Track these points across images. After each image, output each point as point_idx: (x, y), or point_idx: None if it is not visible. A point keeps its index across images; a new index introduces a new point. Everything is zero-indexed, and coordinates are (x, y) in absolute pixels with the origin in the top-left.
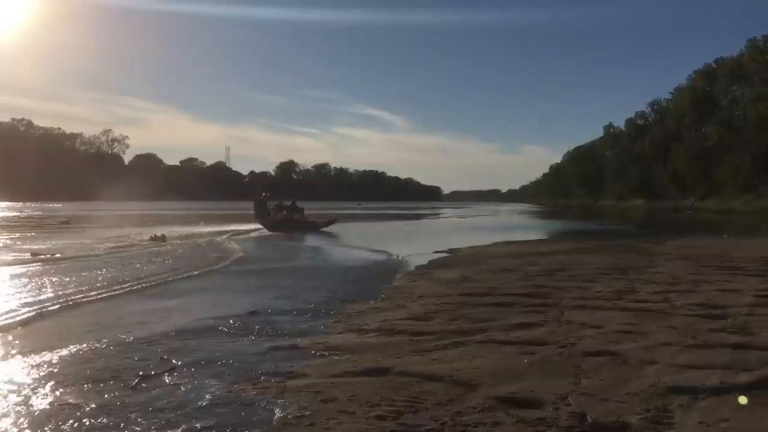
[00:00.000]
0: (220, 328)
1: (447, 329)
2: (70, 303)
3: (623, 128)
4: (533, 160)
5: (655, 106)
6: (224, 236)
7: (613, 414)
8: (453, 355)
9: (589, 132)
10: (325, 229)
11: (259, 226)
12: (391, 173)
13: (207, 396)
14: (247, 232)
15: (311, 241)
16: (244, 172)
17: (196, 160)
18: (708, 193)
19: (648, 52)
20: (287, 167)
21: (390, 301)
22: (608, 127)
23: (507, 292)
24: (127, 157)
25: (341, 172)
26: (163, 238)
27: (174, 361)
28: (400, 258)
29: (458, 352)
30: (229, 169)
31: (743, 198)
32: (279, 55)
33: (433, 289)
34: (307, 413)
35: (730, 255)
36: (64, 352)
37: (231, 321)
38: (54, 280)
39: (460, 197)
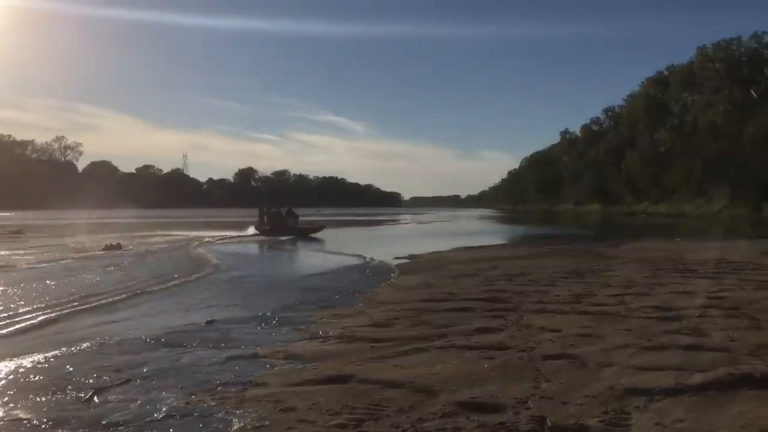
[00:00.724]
0: (177, 338)
1: (408, 335)
2: (22, 316)
3: (579, 134)
4: (492, 165)
5: (610, 113)
6: (183, 243)
7: (572, 417)
8: (414, 361)
9: (547, 138)
10: (313, 235)
11: (253, 231)
12: (351, 179)
13: (163, 408)
14: (204, 238)
15: (287, 246)
16: (203, 179)
17: (153, 167)
18: (661, 197)
19: (604, 60)
20: (246, 174)
21: (352, 308)
22: (564, 133)
23: (467, 297)
24: (81, 165)
25: (301, 178)
26: (119, 247)
27: (129, 373)
28: (365, 262)
29: (419, 358)
30: (187, 176)
31: (695, 202)
32: (238, 61)
33: (394, 296)
34: (267, 423)
35: (682, 258)
36: (14, 366)
37: (188, 331)
38: (5, 291)
39: (420, 203)
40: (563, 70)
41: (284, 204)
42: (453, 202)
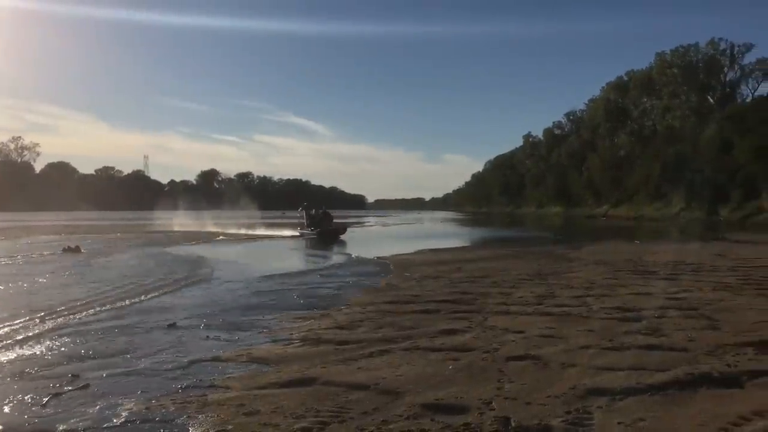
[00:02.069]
0: (138, 343)
1: (373, 337)
2: None
3: (542, 138)
4: (456, 168)
5: (571, 117)
6: (142, 245)
7: (535, 417)
8: (379, 363)
9: (510, 141)
10: (341, 236)
11: (300, 232)
12: (315, 182)
13: (123, 413)
14: (165, 242)
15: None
16: (164, 180)
17: (113, 168)
18: (621, 200)
19: (567, 63)
20: (209, 176)
21: (317, 310)
22: (527, 137)
23: (432, 299)
24: (39, 166)
25: (265, 180)
26: (77, 250)
27: (87, 377)
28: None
29: (384, 360)
30: (148, 177)
31: (653, 205)
32: (201, 62)
33: (359, 298)
34: (229, 427)
35: (642, 259)
36: None
37: (149, 335)
38: None
39: (384, 205)
40: (527, 73)
41: (319, 206)
42: (417, 204)
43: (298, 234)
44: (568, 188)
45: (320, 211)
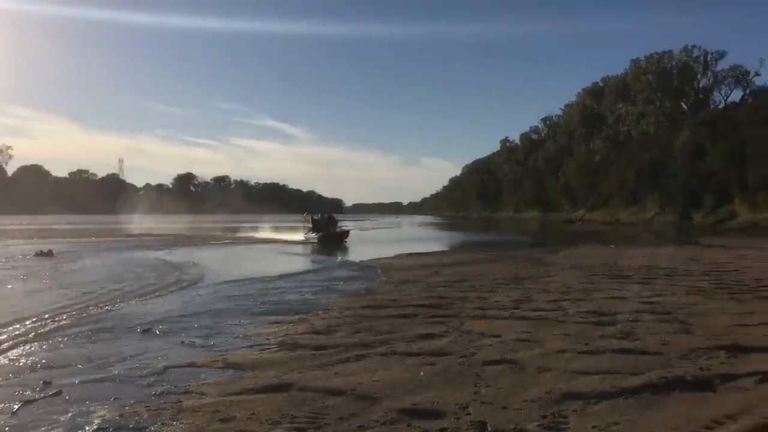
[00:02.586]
0: (111, 349)
1: (349, 342)
2: None
3: (519, 143)
4: (433, 173)
5: (548, 122)
6: (114, 248)
7: (512, 422)
8: (355, 368)
9: (487, 146)
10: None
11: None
12: (293, 186)
13: (95, 421)
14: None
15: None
16: (140, 184)
17: (87, 171)
18: (597, 204)
19: (545, 68)
20: (185, 180)
21: (294, 315)
22: (504, 142)
23: (409, 304)
24: (11, 169)
25: (242, 184)
26: (50, 254)
27: (60, 384)
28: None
29: (361, 365)
30: (123, 181)
31: (628, 210)
32: (176, 64)
33: (336, 302)
34: None
35: (617, 264)
36: None
37: (122, 340)
38: None
39: (362, 209)
40: (505, 77)
41: (324, 212)
42: (395, 208)
43: (303, 238)
44: (545, 193)
45: (325, 216)
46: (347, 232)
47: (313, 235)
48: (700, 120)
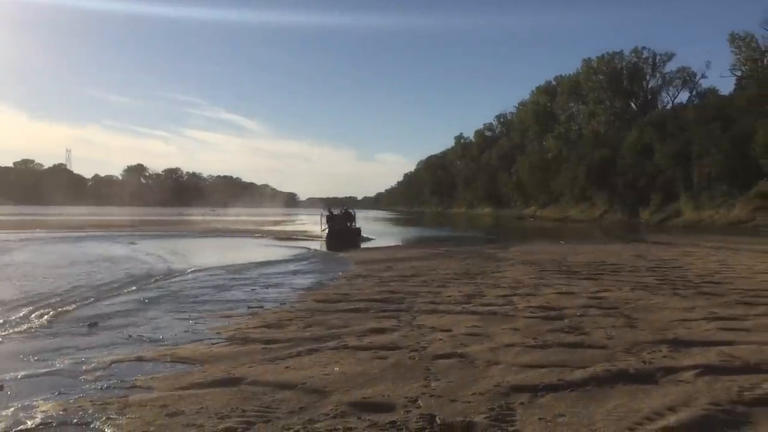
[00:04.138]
0: (56, 343)
1: (301, 336)
2: None
3: (473, 139)
4: (388, 168)
5: (502, 119)
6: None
7: (460, 414)
8: (307, 362)
9: (442, 142)
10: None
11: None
12: (246, 179)
13: (38, 416)
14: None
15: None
16: (88, 175)
17: (33, 161)
18: (548, 202)
19: (502, 66)
20: (135, 171)
21: (246, 309)
22: (459, 138)
23: (361, 298)
24: None
25: (194, 176)
26: None
27: (2, 379)
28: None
29: (312, 359)
30: (71, 172)
31: (579, 207)
32: (127, 53)
33: (288, 296)
34: (151, 429)
35: (566, 260)
36: None
37: (68, 334)
38: None
39: (317, 204)
40: (462, 73)
41: (344, 207)
42: (349, 203)
43: (320, 234)
44: (498, 189)
45: (342, 211)
46: (359, 229)
47: (325, 230)
48: (648, 120)
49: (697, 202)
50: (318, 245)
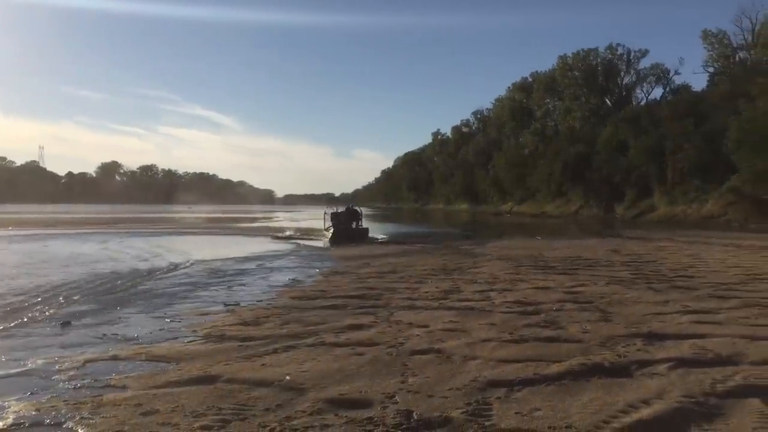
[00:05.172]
0: (27, 342)
1: (278, 333)
2: None
3: (450, 135)
4: (366, 164)
5: (479, 115)
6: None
7: (437, 409)
8: (283, 359)
9: (419, 138)
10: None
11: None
12: (222, 176)
13: (9, 416)
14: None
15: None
16: (61, 173)
17: (5, 159)
18: (525, 197)
19: (479, 62)
20: (110, 168)
21: (221, 306)
22: (436, 134)
23: (338, 295)
24: None
25: (170, 174)
26: None
27: None
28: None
29: (289, 356)
30: (44, 169)
31: (555, 203)
32: (101, 49)
33: (265, 293)
34: (125, 428)
35: (542, 255)
36: None
37: (40, 333)
38: None
39: (294, 201)
40: (439, 70)
41: (348, 204)
42: (327, 200)
43: (326, 234)
44: (475, 185)
45: (347, 209)
46: (366, 230)
47: (330, 230)
48: (622, 116)
49: (671, 198)
50: (312, 243)
